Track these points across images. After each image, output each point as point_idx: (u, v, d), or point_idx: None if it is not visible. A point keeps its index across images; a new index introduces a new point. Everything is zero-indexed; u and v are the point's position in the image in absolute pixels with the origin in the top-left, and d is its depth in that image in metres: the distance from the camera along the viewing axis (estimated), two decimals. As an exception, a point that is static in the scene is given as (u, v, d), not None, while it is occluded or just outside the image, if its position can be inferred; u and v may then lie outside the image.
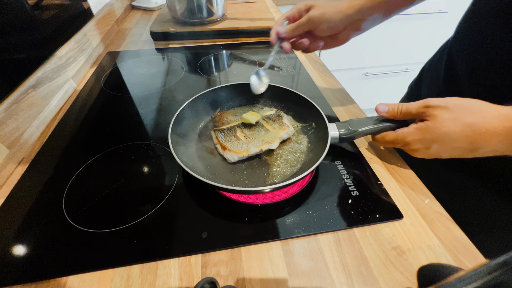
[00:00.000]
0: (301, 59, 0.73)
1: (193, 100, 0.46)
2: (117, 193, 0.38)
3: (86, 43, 0.70)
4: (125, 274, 0.30)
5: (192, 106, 0.46)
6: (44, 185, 0.39)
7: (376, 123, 0.40)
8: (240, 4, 1.01)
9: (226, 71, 0.70)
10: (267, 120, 0.45)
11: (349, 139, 0.41)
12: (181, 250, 0.31)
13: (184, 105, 0.44)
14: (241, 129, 0.43)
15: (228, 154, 0.40)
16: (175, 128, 0.41)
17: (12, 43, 0.47)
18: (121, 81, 0.65)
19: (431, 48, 1.61)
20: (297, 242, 0.32)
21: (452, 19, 1.39)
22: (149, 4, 1.09)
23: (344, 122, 0.42)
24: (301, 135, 0.46)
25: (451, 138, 0.32)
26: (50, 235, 0.33)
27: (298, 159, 0.41)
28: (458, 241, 0.32)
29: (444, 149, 0.33)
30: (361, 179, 0.39)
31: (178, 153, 0.36)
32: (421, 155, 0.36)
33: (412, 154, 0.37)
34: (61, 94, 0.56)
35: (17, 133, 0.44)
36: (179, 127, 0.42)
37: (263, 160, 0.42)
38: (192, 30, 0.81)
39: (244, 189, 0.33)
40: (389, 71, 1.59)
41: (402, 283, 0.29)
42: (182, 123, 0.43)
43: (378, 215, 0.35)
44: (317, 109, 0.44)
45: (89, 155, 0.44)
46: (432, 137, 0.33)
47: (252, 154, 0.41)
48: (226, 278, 0.29)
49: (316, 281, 0.29)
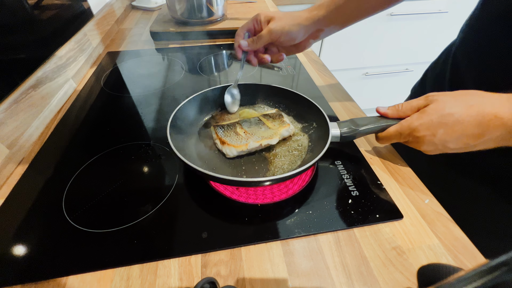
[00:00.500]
0: (301, 59, 0.73)
1: (193, 98, 0.46)
2: (117, 193, 0.38)
3: (86, 43, 0.70)
4: (125, 274, 0.30)
5: (192, 103, 0.46)
6: (44, 185, 0.39)
7: (377, 122, 0.39)
8: (240, 4, 1.01)
9: (226, 71, 0.70)
10: (268, 118, 0.45)
11: (350, 138, 0.41)
12: (181, 250, 0.31)
13: (185, 102, 0.44)
14: (240, 125, 0.44)
15: (227, 149, 0.40)
16: (174, 123, 0.41)
17: (12, 43, 0.47)
18: (121, 81, 0.65)
19: (431, 48, 1.61)
20: (297, 242, 0.32)
21: (452, 19, 1.39)
22: (149, 4, 1.09)
23: (346, 121, 0.41)
24: (301, 134, 0.46)
25: (456, 119, 0.31)
26: (50, 235, 0.33)
27: (298, 156, 0.42)
28: (458, 241, 0.32)
29: (451, 136, 0.32)
30: (361, 179, 0.39)
31: (177, 147, 0.36)
32: (427, 146, 0.35)
33: (418, 146, 0.36)
34: (61, 94, 0.56)
35: (17, 133, 0.44)
36: (179, 123, 0.42)
37: (262, 156, 0.42)
38: (192, 30, 0.81)
39: (241, 179, 0.32)
40: (389, 71, 1.59)
41: (402, 283, 0.29)
42: (181, 119, 0.43)
43: (378, 215, 0.35)
44: (318, 108, 0.44)
45: (89, 155, 0.44)
46: (437, 119, 0.32)
47: (251, 149, 0.41)
48: (226, 278, 0.29)
49: (316, 281, 0.29)
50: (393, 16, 1.33)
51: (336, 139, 0.41)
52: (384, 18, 1.34)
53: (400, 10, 1.32)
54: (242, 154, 0.41)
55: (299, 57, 0.74)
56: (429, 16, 1.36)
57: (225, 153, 0.41)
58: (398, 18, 1.35)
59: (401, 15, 1.33)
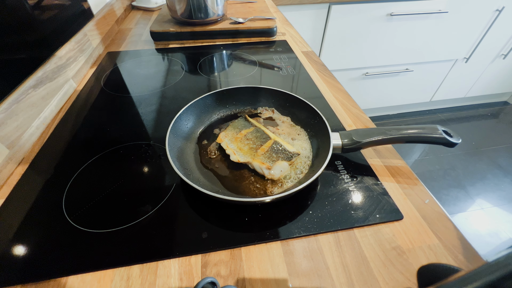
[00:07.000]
0: (301, 59, 0.73)
1: (190, 105, 0.45)
2: (117, 193, 0.38)
3: (86, 43, 0.70)
4: (125, 274, 0.30)
5: (189, 112, 0.45)
6: (44, 185, 0.39)
7: (382, 134, 0.38)
8: (240, 4, 1.01)
9: (226, 71, 0.70)
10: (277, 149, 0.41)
11: (353, 150, 0.40)
12: (181, 250, 0.31)
13: (182, 111, 0.44)
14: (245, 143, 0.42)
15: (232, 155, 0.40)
16: (172, 136, 0.40)
17: (12, 43, 0.47)
18: (121, 81, 0.65)
19: (431, 48, 1.62)
20: (297, 242, 0.32)
21: (452, 19, 1.39)
22: (149, 4, 1.09)
23: (348, 131, 0.40)
24: (303, 143, 0.45)
25: None
26: (50, 235, 0.33)
27: (298, 168, 0.40)
28: (458, 241, 0.32)
29: None
30: (361, 179, 0.39)
31: (176, 163, 0.36)
32: None
33: None
34: (61, 94, 0.56)
35: (17, 133, 0.44)
36: (177, 133, 0.42)
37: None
38: (192, 30, 0.81)
39: (242, 199, 0.32)
40: (389, 71, 1.59)
41: (402, 283, 0.29)
42: (180, 129, 0.43)
43: (378, 215, 0.35)
44: (321, 117, 0.42)
45: (89, 155, 0.44)
46: None
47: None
48: (226, 278, 0.29)
49: (316, 281, 0.29)
50: (393, 16, 1.33)
51: (338, 151, 0.40)
52: (384, 18, 1.34)
53: (400, 10, 1.32)
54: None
55: (299, 57, 0.74)
56: (429, 16, 1.36)
57: (229, 156, 0.40)
58: (398, 18, 1.35)
59: (401, 15, 1.33)
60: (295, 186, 0.33)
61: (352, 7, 1.28)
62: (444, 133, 0.37)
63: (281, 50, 0.78)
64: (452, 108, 2.03)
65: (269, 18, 0.87)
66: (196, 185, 0.32)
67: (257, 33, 0.84)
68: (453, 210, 1.36)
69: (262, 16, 0.88)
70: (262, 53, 0.77)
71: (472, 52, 1.56)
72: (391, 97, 1.79)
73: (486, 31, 1.48)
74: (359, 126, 0.50)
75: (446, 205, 1.38)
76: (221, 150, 0.42)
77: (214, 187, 0.38)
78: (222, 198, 0.32)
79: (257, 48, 0.80)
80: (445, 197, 1.42)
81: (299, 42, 0.84)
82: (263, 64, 0.71)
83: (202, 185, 0.34)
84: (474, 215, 1.34)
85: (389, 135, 0.39)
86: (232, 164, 0.41)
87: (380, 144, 0.40)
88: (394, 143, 0.40)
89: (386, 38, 1.43)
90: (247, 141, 0.42)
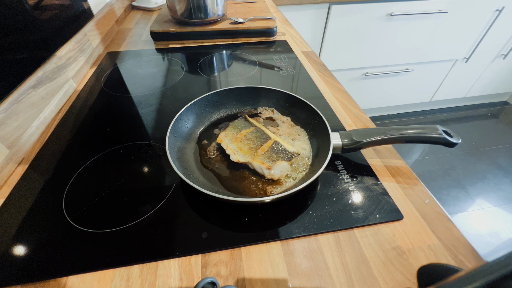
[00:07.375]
0: (301, 59, 0.73)
1: (190, 105, 0.45)
2: (117, 193, 0.38)
3: (86, 43, 0.70)
4: (125, 274, 0.30)
5: (189, 112, 0.45)
6: (44, 185, 0.39)
7: (382, 134, 0.38)
8: (240, 4, 1.01)
9: (226, 71, 0.70)
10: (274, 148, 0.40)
11: (353, 150, 0.40)
12: (181, 250, 0.31)
13: (182, 111, 0.44)
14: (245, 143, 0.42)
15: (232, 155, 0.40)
16: (172, 137, 0.40)
17: (12, 43, 0.47)
18: (121, 81, 0.65)
19: (431, 48, 1.62)
20: (297, 242, 0.32)
21: (452, 19, 1.39)
22: (149, 4, 1.09)
23: (348, 131, 0.40)
24: (303, 143, 0.45)
25: None
26: (50, 235, 0.33)
27: (298, 167, 0.40)
28: (458, 241, 0.32)
29: None
30: (361, 179, 0.39)
31: (176, 163, 0.36)
32: None
33: None
34: (61, 94, 0.56)
35: (17, 133, 0.44)
36: (177, 133, 0.42)
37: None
38: (192, 30, 0.81)
39: (242, 199, 0.32)
40: (389, 71, 1.59)
41: (402, 283, 0.29)
42: (180, 129, 0.43)
43: (378, 215, 0.35)
44: (321, 117, 0.42)
45: (89, 155, 0.44)
46: None
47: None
48: (226, 278, 0.29)
49: (316, 281, 0.29)
50: (393, 16, 1.33)
51: (338, 151, 0.40)
52: (384, 18, 1.34)
53: (400, 10, 1.32)
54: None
55: (299, 57, 0.74)
56: (429, 16, 1.36)
57: (229, 155, 0.40)
58: (398, 18, 1.35)
59: (401, 15, 1.33)
60: (295, 186, 0.33)
61: (352, 7, 1.28)
62: (444, 133, 0.37)
63: (281, 50, 0.78)
64: (452, 108, 2.03)
65: (269, 18, 0.87)
66: (196, 185, 0.32)
67: (257, 33, 0.84)
68: (453, 210, 1.36)
69: (262, 16, 0.88)
70: (262, 53, 0.77)
71: (472, 52, 1.56)
72: (391, 97, 1.79)
73: (486, 31, 1.48)
74: (359, 126, 0.50)
75: (446, 205, 1.38)
76: (221, 150, 0.42)
77: (214, 187, 0.38)
78: (222, 198, 0.32)
79: (257, 48, 0.80)
80: (445, 197, 1.42)
81: (299, 42, 0.84)
82: (263, 64, 0.71)
83: (202, 185, 0.34)
84: (474, 215, 1.34)
85: (389, 135, 0.39)
86: (232, 164, 0.41)
87: (380, 144, 0.40)
88: (394, 143, 0.41)
89: (386, 38, 1.43)
90: (247, 141, 0.42)
